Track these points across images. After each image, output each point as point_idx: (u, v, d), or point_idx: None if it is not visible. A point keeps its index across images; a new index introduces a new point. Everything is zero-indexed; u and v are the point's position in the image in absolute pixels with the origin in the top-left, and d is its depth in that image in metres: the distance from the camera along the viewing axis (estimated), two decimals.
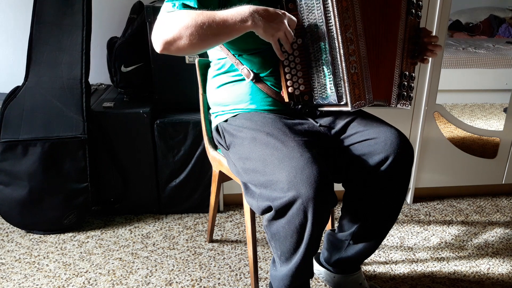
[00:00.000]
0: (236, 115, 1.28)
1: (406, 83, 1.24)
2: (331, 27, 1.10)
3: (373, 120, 1.27)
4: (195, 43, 1.04)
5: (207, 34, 1.03)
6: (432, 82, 1.87)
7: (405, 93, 1.24)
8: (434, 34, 1.26)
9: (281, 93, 1.23)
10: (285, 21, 1.06)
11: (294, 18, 1.09)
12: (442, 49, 1.25)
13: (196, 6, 1.08)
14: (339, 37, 1.09)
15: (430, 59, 1.27)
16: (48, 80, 1.74)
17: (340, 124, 1.26)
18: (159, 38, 1.06)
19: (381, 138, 1.19)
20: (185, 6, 1.08)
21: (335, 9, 1.08)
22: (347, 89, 1.11)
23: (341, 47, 1.09)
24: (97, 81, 2.19)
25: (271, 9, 1.06)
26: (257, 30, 1.06)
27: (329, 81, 1.14)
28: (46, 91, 1.74)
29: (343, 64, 1.10)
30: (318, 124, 1.24)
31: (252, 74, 1.22)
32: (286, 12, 1.08)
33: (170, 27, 1.04)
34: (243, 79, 1.25)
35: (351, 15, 1.10)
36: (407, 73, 1.24)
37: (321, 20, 1.11)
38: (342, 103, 1.14)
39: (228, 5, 1.15)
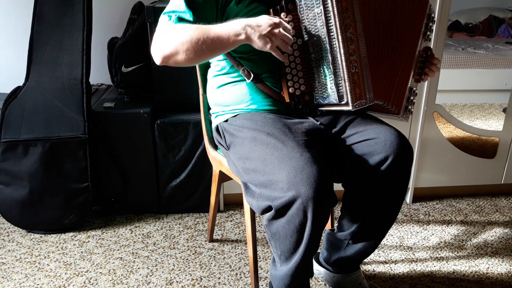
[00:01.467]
0: (237, 115, 1.28)
1: (412, 97, 1.27)
2: (331, 27, 1.10)
3: (373, 120, 1.27)
4: (191, 57, 1.08)
5: (202, 49, 1.07)
6: (432, 82, 1.87)
7: (409, 107, 1.27)
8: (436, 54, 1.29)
9: (282, 93, 1.23)
10: (279, 29, 1.07)
11: (288, 26, 1.09)
12: (439, 70, 1.30)
13: (192, 20, 1.10)
14: (339, 36, 1.09)
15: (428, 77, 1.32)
16: (48, 80, 1.74)
17: (340, 124, 1.26)
18: (158, 52, 1.11)
19: (381, 138, 1.19)
20: (181, 20, 1.10)
21: (335, 8, 1.08)
22: (347, 88, 1.12)
23: (341, 47, 1.10)
24: (97, 82, 2.19)
25: (263, 20, 1.07)
26: (251, 43, 1.08)
27: (330, 80, 1.14)
28: (46, 91, 1.74)
29: (344, 64, 1.10)
30: (319, 123, 1.25)
31: (252, 75, 1.23)
32: (281, 20, 1.08)
33: (167, 42, 1.08)
34: (243, 80, 1.25)
35: (351, 15, 1.10)
36: (414, 88, 1.26)
37: (321, 20, 1.11)
38: (343, 102, 1.14)
39: (227, 17, 1.16)
